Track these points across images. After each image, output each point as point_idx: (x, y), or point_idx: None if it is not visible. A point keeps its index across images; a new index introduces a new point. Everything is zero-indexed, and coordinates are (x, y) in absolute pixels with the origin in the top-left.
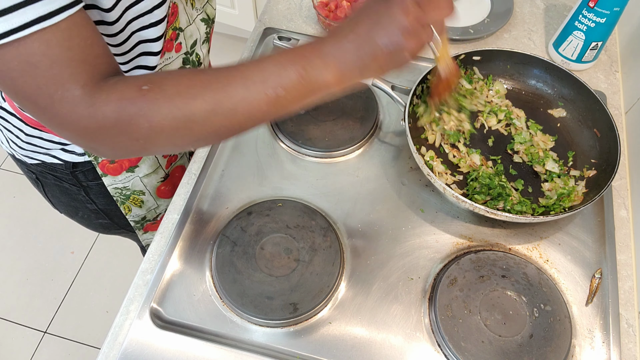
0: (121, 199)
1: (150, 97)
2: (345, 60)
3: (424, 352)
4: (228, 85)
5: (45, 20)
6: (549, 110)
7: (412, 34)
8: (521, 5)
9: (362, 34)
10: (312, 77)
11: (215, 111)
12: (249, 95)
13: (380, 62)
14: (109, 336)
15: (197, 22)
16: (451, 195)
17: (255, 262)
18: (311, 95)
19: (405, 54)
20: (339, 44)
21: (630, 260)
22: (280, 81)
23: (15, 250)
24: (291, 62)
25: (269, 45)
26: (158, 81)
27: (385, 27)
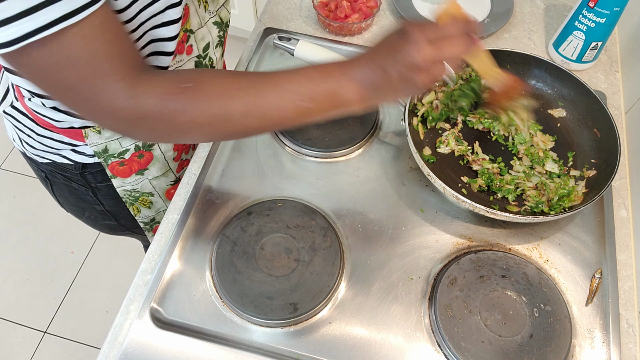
0: (130, 200)
1: (192, 94)
2: (366, 84)
3: (424, 352)
4: (264, 92)
5: (72, 17)
6: (549, 110)
7: (423, 71)
8: (521, 5)
9: (381, 65)
10: (339, 94)
11: (250, 113)
12: (281, 103)
13: (394, 91)
14: (109, 336)
15: (209, 25)
16: (451, 195)
17: (255, 262)
18: (335, 109)
19: (417, 86)
20: (361, 70)
21: (630, 260)
22: (311, 94)
23: (15, 250)
24: (321, 78)
25: (269, 45)
26: (199, 80)
27: (399, 63)
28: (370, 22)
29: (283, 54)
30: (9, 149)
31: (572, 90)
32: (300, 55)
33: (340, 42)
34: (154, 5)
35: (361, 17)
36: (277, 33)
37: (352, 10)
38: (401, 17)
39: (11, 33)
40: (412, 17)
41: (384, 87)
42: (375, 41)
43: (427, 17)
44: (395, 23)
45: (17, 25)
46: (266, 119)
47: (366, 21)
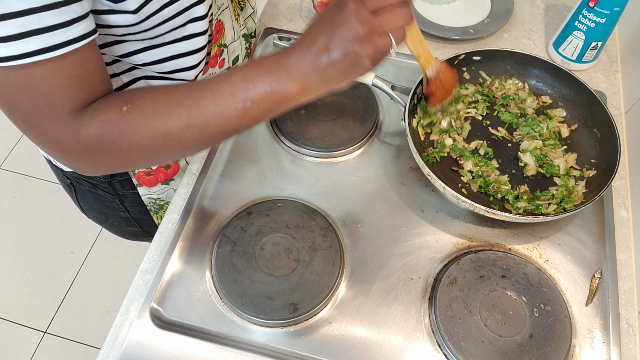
0: (154, 208)
1: (129, 118)
2: (308, 72)
3: (424, 352)
4: (200, 102)
5: (49, 52)
6: (549, 111)
7: (368, 42)
8: (521, 5)
9: (321, 45)
10: (279, 89)
11: (189, 127)
12: (219, 109)
13: (341, 71)
14: (109, 336)
15: (240, 38)
16: (451, 195)
17: (255, 262)
18: (279, 105)
19: (365, 61)
20: (301, 56)
21: (630, 260)
22: (248, 95)
23: (15, 250)
24: (258, 76)
25: (269, 45)
26: (136, 100)
27: (341, 38)
28: None
29: None
30: (9, 149)
31: (572, 90)
32: None
33: None
34: (175, 19)
35: None
36: (277, 33)
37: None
38: None
39: None
40: None
41: (329, 70)
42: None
43: (427, 17)
44: None
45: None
46: (208, 129)
47: None
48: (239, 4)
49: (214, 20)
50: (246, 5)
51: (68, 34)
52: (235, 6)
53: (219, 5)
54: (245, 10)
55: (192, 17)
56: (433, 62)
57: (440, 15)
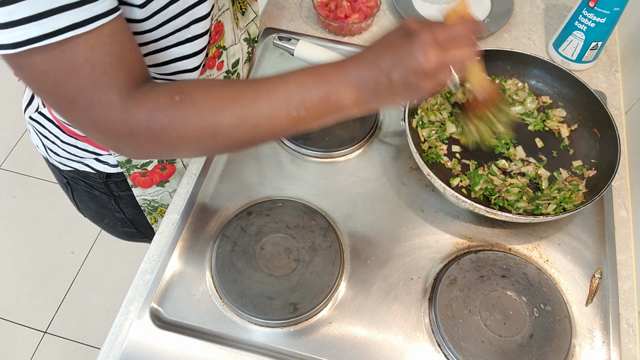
0: (149, 209)
1: (182, 107)
2: (365, 89)
3: (424, 352)
4: (254, 102)
5: (80, 27)
6: (549, 111)
7: (430, 76)
8: (521, 5)
9: (383, 68)
10: (333, 99)
11: (240, 125)
12: (272, 112)
13: (397, 96)
14: (109, 336)
15: (241, 42)
16: (451, 195)
17: (255, 262)
18: (330, 115)
19: (424, 93)
20: (360, 73)
21: (630, 260)
22: (303, 101)
23: (15, 250)
24: (314, 83)
25: (269, 45)
26: (189, 91)
27: (405, 68)
28: (370, 22)
29: (283, 54)
30: (9, 149)
31: (572, 90)
32: (300, 55)
33: (340, 42)
34: (179, 18)
35: (361, 17)
36: (277, 33)
37: (352, 10)
38: (401, 17)
39: (15, 36)
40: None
41: (384, 91)
42: (374, 39)
43: (427, 17)
44: (396, 23)
45: (23, 29)
46: (258, 130)
47: (366, 21)
48: (240, 8)
49: (214, 21)
50: (248, 10)
51: (96, 9)
52: (236, 10)
53: (219, 6)
54: (247, 14)
55: (195, 18)
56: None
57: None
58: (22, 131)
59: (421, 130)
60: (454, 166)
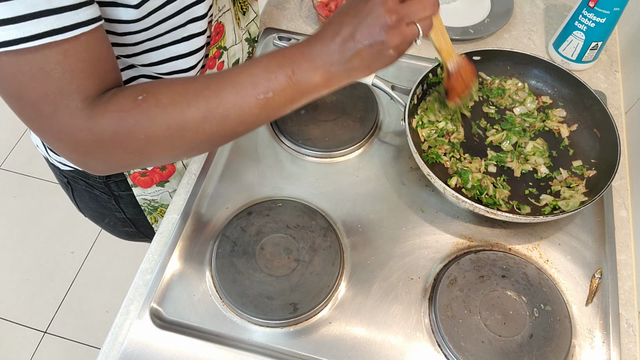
0: (149, 209)
1: (145, 107)
2: (332, 62)
3: (424, 352)
4: (219, 92)
5: (58, 33)
6: (549, 111)
7: (396, 31)
8: (521, 5)
9: (347, 34)
10: (301, 80)
11: (208, 118)
12: (239, 100)
13: (366, 62)
14: (109, 336)
15: (242, 42)
16: (451, 195)
17: (255, 262)
18: (301, 97)
19: (391, 51)
20: (325, 46)
21: (630, 260)
22: (270, 85)
23: (15, 250)
24: (280, 66)
25: (269, 45)
26: (153, 90)
27: (368, 27)
28: None
29: None
30: (9, 149)
31: (572, 90)
32: None
33: None
34: (175, 18)
35: None
36: (277, 33)
37: (334, 11)
38: None
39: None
40: None
41: (353, 60)
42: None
43: None
44: None
45: (1, 30)
46: (227, 121)
47: None
48: (240, 8)
49: (214, 21)
50: (249, 10)
51: (77, 17)
52: (237, 10)
53: (219, 7)
54: (248, 14)
55: (192, 17)
56: (454, 56)
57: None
58: (22, 131)
59: (421, 131)
60: (452, 165)
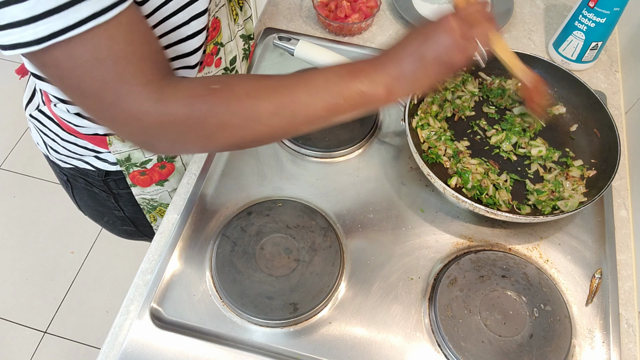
0: (148, 208)
1: (220, 96)
2: (399, 76)
3: (424, 352)
4: (293, 91)
5: (101, 15)
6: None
7: (458, 48)
8: (521, 5)
9: (415, 51)
10: (369, 91)
11: (279, 113)
12: (311, 101)
13: (430, 75)
14: (109, 336)
15: (237, 38)
16: (451, 195)
17: (255, 262)
18: (365, 106)
19: (453, 65)
20: (395, 62)
21: (630, 260)
22: (341, 91)
23: (15, 250)
24: (353, 75)
25: (269, 45)
26: (227, 82)
27: (434, 44)
28: (370, 22)
29: (283, 54)
30: (9, 149)
31: (572, 90)
32: (300, 55)
33: (341, 42)
34: (178, 15)
35: (361, 17)
36: (277, 33)
37: (352, 10)
38: (401, 17)
39: (39, 31)
40: (413, 17)
41: (419, 75)
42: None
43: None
44: (396, 23)
45: (46, 23)
46: (296, 118)
47: (366, 21)
48: (238, 3)
49: (211, 17)
50: (245, 6)
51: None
52: (234, 5)
53: (216, 2)
54: (245, 11)
55: (195, 14)
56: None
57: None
58: (22, 131)
59: (420, 132)
60: (452, 165)
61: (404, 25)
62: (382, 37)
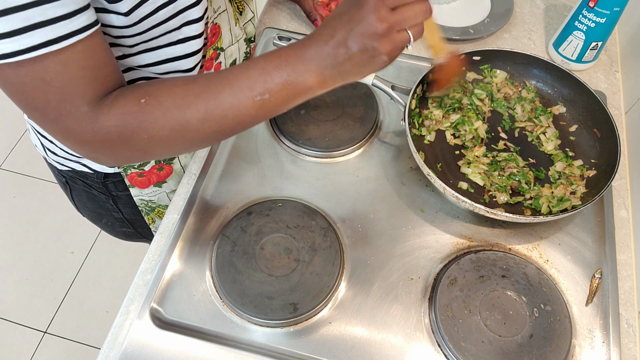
0: (146, 210)
1: (148, 109)
2: (326, 65)
3: (424, 352)
4: (218, 94)
5: (54, 44)
6: (548, 108)
7: (387, 39)
8: (521, 5)
9: (340, 39)
10: (296, 82)
11: (207, 119)
12: (237, 102)
13: (358, 67)
14: (109, 336)
15: (240, 42)
16: (451, 195)
17: (255, 262)
18: (295, 98)
19: (383, 57)
20: (319, 50)
21: (630, 260)
22: (266, 87)
23: (15, 250)
24: (276, 68)
25: (269, 45)
26: (154, 93)
27: (360, 34)
28: None
29: None
30: (9, 149)
31: (572, 90)
32: None
33: None
34: (170, 22)
35: None
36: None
37: (330, 14)
38: None
39: None
40: None
41: (346, 65)
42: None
43: None
44: None
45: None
46: (225, 121)
47: None
48: (237, 8)
49: (210, 23)
50: (245, 9)
51: (72, 25)
52: (234, 10)
53: (215, 9)
54: (245, 14)
55: (187, 20)
56: (443, 52)
57: (440, 15)
58: (22, 131)
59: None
60: None
61: None
62: None
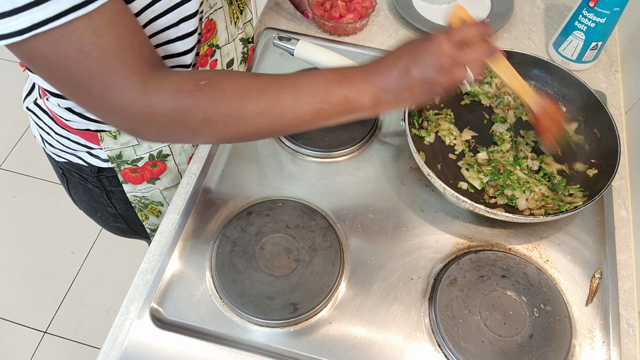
0: (139, 206)
1: (207, 92)
2: (386, 89)
3: (424, 352)
4: (281, 93)
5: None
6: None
7: (448, 73)
8: (521, 5)
9: (403, 67)
10: (354, 99)
11: (265, 114)
12: (297, 104)
13: (414, 93)
14: (109, 336)
15: (236, 41)
16: (451, 195)
17: (255, 262)
18: (349, 114)
19: (438, 88)
20: (382, 74)
21: (630, 260)
22: (327, 97)
23: (15, 250)
24: (339, 82)
25: (269, 45)
26: (217, 78)
27: (425, 65)
28: (365, 22)
29: (283, 54)
30: (9, 149)
31: (572, 90)
32: (300, 55)
33: (341, 42)
34: (167, 16)
35: (356, 17)
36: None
37: (347, 10)
38: (401, 17)
39: (20, 22)
40: (413, 17)
41: (405, 92)
42: (396, 45)
43: (427, 17)
44: (395, 23)
45: (27, 14)
46: (281, 120)
47: (361, 21)
48: (238, 6)
49: (204, 18)
50: (245, 9)
51: None
52: (234, 9)
53: (211, 4)
54: (245, 14)
55: (184, 15)
56: (534, 95)
57: (441, 15)
58: (23, 131)
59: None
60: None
61: (403, 25)
62: (381, 37)
